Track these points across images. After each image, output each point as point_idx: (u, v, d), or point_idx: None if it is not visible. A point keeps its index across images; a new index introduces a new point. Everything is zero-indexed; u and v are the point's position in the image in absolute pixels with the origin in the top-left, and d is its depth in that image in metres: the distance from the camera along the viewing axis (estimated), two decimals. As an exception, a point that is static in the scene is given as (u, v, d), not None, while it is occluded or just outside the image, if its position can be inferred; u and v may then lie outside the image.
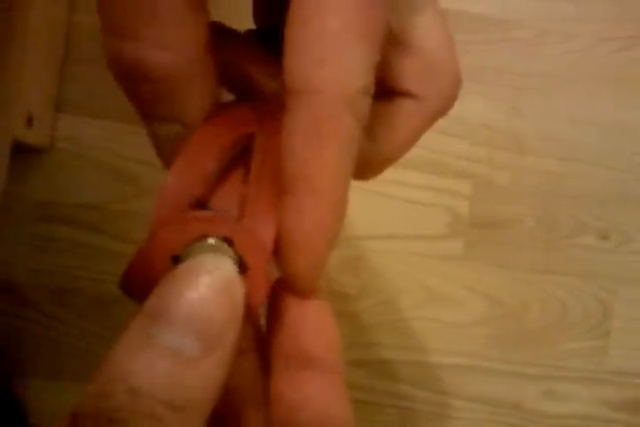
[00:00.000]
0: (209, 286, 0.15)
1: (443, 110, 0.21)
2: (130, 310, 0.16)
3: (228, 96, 0.20)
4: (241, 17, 0.22)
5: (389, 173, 0.22)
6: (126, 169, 0.48)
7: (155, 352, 0.14)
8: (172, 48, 0.17)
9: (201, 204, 0.18)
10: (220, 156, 0.18)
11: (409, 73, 0.20)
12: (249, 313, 0.16)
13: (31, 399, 0.46)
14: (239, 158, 0.19)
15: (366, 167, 0.21)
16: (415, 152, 0.21)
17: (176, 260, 0.16)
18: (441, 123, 0.21)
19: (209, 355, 0.15)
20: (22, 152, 0.45)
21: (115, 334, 0.15)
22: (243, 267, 0.17)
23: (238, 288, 0.16)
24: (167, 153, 0.19)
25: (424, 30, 0.20)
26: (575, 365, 0.49)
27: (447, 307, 0.49)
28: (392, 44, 0.19)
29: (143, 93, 0.18)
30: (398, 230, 0.49)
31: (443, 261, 0.49)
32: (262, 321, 0.19)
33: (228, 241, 0.17)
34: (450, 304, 0.49)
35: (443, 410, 0.49)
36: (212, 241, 0.16)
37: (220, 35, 0.19)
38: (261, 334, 0.18)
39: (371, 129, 0.19)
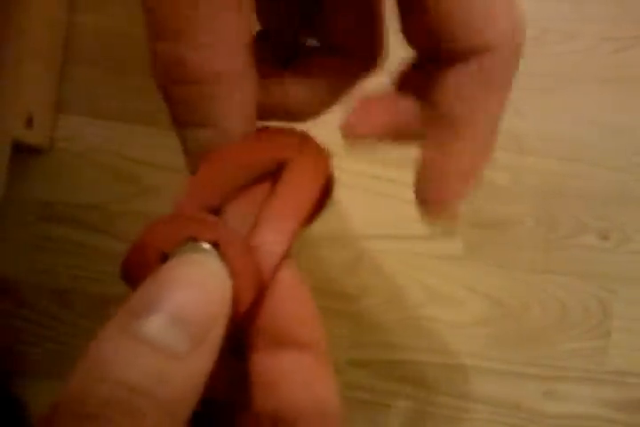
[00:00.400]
0: (197, 280, 0.15)
1: (509, 61, 0.18)
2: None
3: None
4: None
5: (389, 173, 0.22)
6: (126, 169, 0.48)
7: (139, 346, 0.14)
8: (220, 50, 0.17)
9: (216, 211, 0.18)
10: (248, 171, 0.18)
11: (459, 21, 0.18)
12: (232, 319, 0.16)
13: (31, 399, 0.46)
14: (266, 179, 0.19)
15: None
16: (415, 152, 0.21)
17: (165, 258, 0.17)
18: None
19: (196, 350, 0.15)
20: (22, 152, 0.45)
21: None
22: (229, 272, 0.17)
23: (227, 286, 0.16)
24: (196, 160, 0.19)
25: None
26: (575, 365, 0.49)
27: (447, 307, 0.49)
28: None
29: (184, 95, 0.18)
30: (398, 230, 0.49)
31: (443, 261, 0.49)
32: None
33: (217, 245, 0.17)
34: (450, 304, 0.49)
35: (443, 410, 0.49)
36: (202, 243, 0.17)
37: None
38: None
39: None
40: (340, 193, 0.24)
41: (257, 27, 0.21)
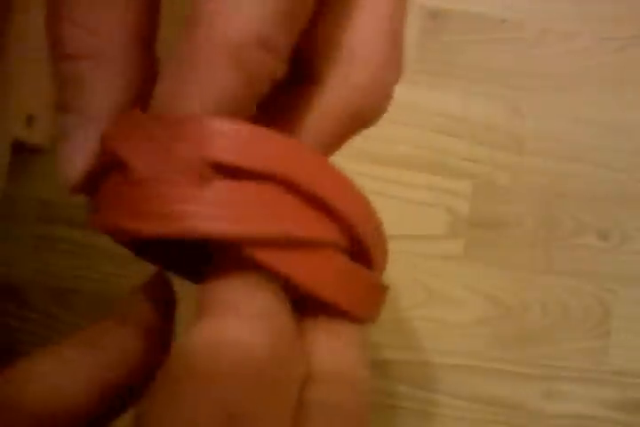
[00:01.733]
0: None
1: (354, 103, 0.17)
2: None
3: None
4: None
5: (389, 173, 0.22)
6: (126, 169, 0.48)
7: None
8: (94, 29, 0.16)
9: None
10: None
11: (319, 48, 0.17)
12: None
13: (31, 399, 0.46)
14: None
15: None
16: (415, 152, 0.21)
17: None
18: (441, 123, 0.21)
19: None
20: (22, 152, 0.45)
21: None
22: None
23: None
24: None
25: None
26: (575, 365, 0.49)
27: (447, 307, 0.49)
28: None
29: (60, 74, 0.17)
30: (398, 230, 0.49)
31: (443, 261, 0.49)
32: None
33: None
34: (450, 304, 0.49)
35: (443, 410, 0.49)
36: None
37: None
38: None
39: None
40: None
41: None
